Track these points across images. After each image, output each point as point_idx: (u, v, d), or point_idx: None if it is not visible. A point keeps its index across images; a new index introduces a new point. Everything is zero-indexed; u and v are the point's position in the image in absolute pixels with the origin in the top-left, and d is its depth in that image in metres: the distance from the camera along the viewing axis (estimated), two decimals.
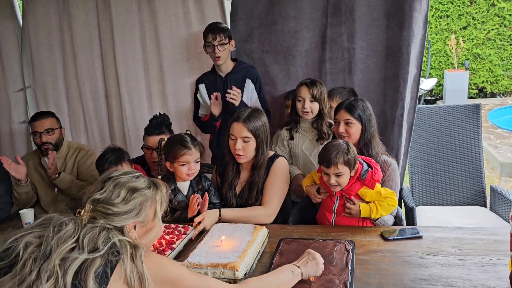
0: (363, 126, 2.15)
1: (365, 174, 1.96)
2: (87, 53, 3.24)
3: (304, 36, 2.81)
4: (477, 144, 2.97)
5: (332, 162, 1.91)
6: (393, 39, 2.62)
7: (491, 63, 8.42)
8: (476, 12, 8.24)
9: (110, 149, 2.23)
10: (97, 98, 3.32)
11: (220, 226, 1.92)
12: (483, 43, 8.37)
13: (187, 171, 2.11)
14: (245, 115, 2.10)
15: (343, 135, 2.17)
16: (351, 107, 2.16)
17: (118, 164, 2.14)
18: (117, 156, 2.16)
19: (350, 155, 1.92)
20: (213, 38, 2.63)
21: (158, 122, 2.48)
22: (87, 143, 3.41)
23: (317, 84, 2.41)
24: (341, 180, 1.95)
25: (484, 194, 2.93)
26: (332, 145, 1.95)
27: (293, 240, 1.83)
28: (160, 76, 3.16)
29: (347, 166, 1.92)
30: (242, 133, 2.08)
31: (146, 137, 2.42)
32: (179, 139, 2.13)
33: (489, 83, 8.60)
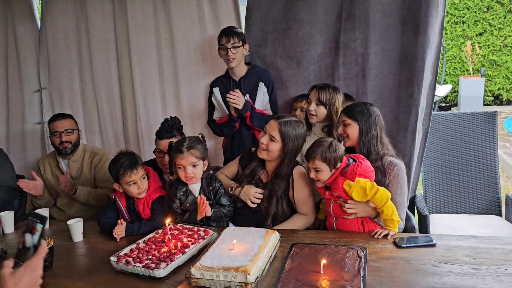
0: (360, 127, 2.15)
1: (346, 167, 1.98)
2: (103, 56, 3.29)
3: (317, 41, 2.82)
4: (492, 152, 2.93)
5: (310, 156, 2.00)
6: (408, 45, 2.60)
7: (508, 70, 8.33)
8: (493, 18, 8.17)
9: (123, 153, 2.23)
10: (112, 100, 3.36)
11: (232, 230, 1.92)
12: (499, 49, 8.28)
13: (184, 174, 2.12)
14: (285, 119, 2.16)
15: (343, 136, 2.21)
16: (348, 109, 2.21)
17: (133, 169, 2.14)
18: (131, 161, 2.17)
19: (330, 153, 1.96)
20: (227, 40, 2.65)
21: (169, 125, 2.49)
22: (101, 145, 3.46)
23: (328, 89, 2.40)
24: (320, 175, 2.00)
25: (499, 203, 2.89)
26: (317, 141, 2.03)
27: (305, 245, 1.82)
28: (175, 79, 3.19)
29: (325, 163, 1.97)
30: (272, 131, 2.14)
31: (158, 141, 2.44)
32: (177, 142, 2.15)
33: (505, 90, 8.50)
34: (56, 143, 2.75)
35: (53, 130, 2.75)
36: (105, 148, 3.37)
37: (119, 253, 1.82)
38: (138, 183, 2.16)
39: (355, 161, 2.00)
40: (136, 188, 2.16)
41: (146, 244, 1.91)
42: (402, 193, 2.11)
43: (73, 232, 2.15)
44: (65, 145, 2.74)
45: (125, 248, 1.87)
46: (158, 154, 2.43)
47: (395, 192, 2.09)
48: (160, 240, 1.93)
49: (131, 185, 2.15)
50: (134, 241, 1.95)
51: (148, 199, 2.22)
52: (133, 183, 2.15)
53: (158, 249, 1.85)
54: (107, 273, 1.77)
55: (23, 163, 3.57)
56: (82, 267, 1.89)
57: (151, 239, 1.96)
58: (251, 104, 2.72)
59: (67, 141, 2.74)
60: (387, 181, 2.10)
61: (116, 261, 1.76)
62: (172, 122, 2.50)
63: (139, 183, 2.16)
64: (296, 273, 1.59)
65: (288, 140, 2.13)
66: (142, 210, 2.22)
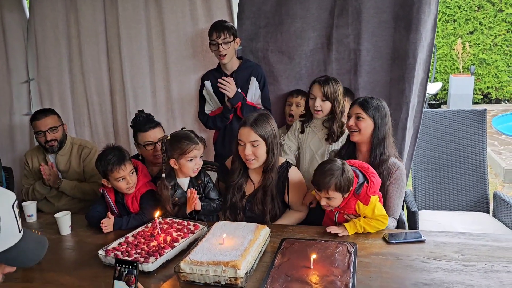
0: (376, 124, 2.10)
1: (359, 189, 1.91)
2: (93, 47, 3.23)
3: (309, 36, 2.80)
4: (481, 149, 2.96)
5: (322, 187, 1.87)
6: (400, 42, 2.60)
7: (497, 69, 8.40)
8: (484, 17, 8.22)
9: (110, 148, 2.18)
10: (102, 92, 3.31)
11: (222, 224, 1.92)
12: (489, 48, 8.34)
13: (194, 166, 2.11)
14: (252, 119, 2.07)
15: (353, 129, 2.13)
16: (365, 103, 2.11)
17: (122, 164, 2.09)
18: (119, 157, 2.11)
19: (343, 179, 1.86)
20: (218, 36, 2.63)
21: (145, 118, 2.46)
22: (91, 138, 3.41)
23: (331, 82, 2.38)
24: (332, 203, 1.91)
25: (487, 200, 2.91)
26: (326, 170, 1.88)
27: (295, 240, 1.83)
28: (165, 73, 3.15)
29: (339, 192, 1.88)
30: (250, 137, 2.05)
31: (143, 134, 2.39)
32: (184, 134, 2.12)
33: (494, 89, 8.57)
34: (42, 142, 2.70)
35: (36, 130, 2.68)
36: (94, 141, 3.33)
37: (108, 246, 1.81)
38: (127, 179, 2.13)
39: (366, 178, 1.94)
40: (125, 183, 2.13)
41: (135, 238, 1.89)
42: (401, 195, 2.11)
43: (61, 225, 2.12)
44: (51, 144, 2.68)
45: (114, 242, 1.86)
46: (148, 147, 2.40)
47: (394, 194, 2.09)
48: (149, 234, 1.92)
49: (120, 180, 2.12)
50: (123, 234, 1.94)
51: (137, 194, 2.20)
52: (122, 179, 2.12)
53: (147, 243, 1.83)
54: (95, 267, 1.76)
55: (11, 155, 3.50)
56: (70, 261, 1.87)
57: (140, 233, 1.94)
58: (242, 95, 2.70)
59: (52, 139, 2.68)
60: (388, 182, 2.09)
61: (104, 255, 1.75)
62: (145, 115, 2.48)
63: (128, 179, 2.13)
64: (286, 268, 1.59)
65: (267, 135, 2.07)
66: (131, 204, 2.20)
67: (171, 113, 3.20)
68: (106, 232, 2.08)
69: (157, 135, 2.39)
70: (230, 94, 2.63)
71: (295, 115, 2.81)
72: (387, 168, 2.09)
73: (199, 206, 2.08)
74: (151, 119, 2.48)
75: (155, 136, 2.38)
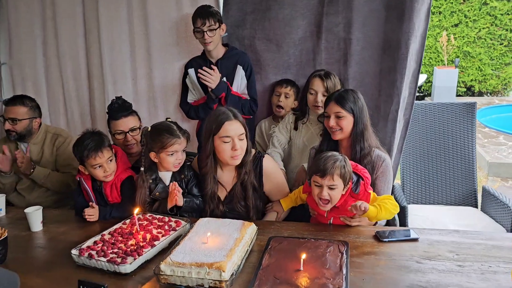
0: (355, 118, 2.01)
1: (357, 188, 1.82)
2: (70, 30, 3.05)
3: (298, 24, 2.68)
4: (470, 143, 2.92)
5: (328, 172, 1.75)
6: (391, 32, 2.50)
7: (481, 62, 8.44)
8: (469, 10, 8.23)
9: (88, 133, 2.06)
10: (79, 78, 3.15)
11: (206, 221, 1.80)
12: (473, 41, 8.38)
13: (175, 161, 1.98)
14: (233, 112, 1.95)
15: (334, 129, 2.04)
16: (341, 99, 2.01)
17: (99, 151, 1.98)
18: (97, 142, 1.99)
19: (347, 168, 1.78)
20: (202, 23, 2.50)
21: (119, 105, 2.33)
22: (67, 126, 3.25)
23: (331, 76, 2.32)
24: (334, 194, 1.79)
25: (475, 195, 2.88)
26: (329, 156, 1.80)
27: (283, 238, 1.73)
28: (147, 59, 3.00)
29: (342, 180, 1.78)
30: (238, 131, 1.92)
31: (114, 122, 2.30)
32: (165, 127, 1.99)
33: (478, 82, 8.63)
34: (4, 127, 2.55)
35: (2, 113, 2.56)
36: (70, 130, 3.17)
37: (82, 245, 1.68)
38: (104, 166, 2.01)
39: (358, 175, 1.85)
40: (102, 171, 2.02)
41: (112, 236, 1.77)
42: (388, 188, 2.05)
43: (31, 221, 1.98)
44: (10, 133, 2.54)
45: (89, 240, 1.73)
46: (118, 136, 2.30)
47: (382, 188, 2.03)
48: (128, 231, 1.80)
49: (97, 168, 2.01)
50: (98, 232, 1.81)
51: (116, 181, 2.09)
52: (99, 166, 2.01)
53: (125, 241, 1.71)
54: (67, 267, 1.63)
55: None
56: (40, 261, 1.73)
57: (117, 230, 1.82)
58: (227, 85, 2.59)
59: (10, 130, 2.52)
60: (374, 176, 2.02)
61: (78, 255, 1.62)
62: (121, 101, 2.35)
63: (105, 166, 2.02)
64: (274, 269, 1.49)
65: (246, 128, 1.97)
66: (109, 193, 2.09)
67: (153, 102, 3.06)
68: (91, 221, 2.00)
69: (129, 124, 2.29)
70: (212, 84, 2.50)
71: (285, 107, 2.71)
72: (371, 162, 2.02)
73: (181, 201, 1.96)
74: (127, 106, 2.36)
75: (126, 125, 2.28)
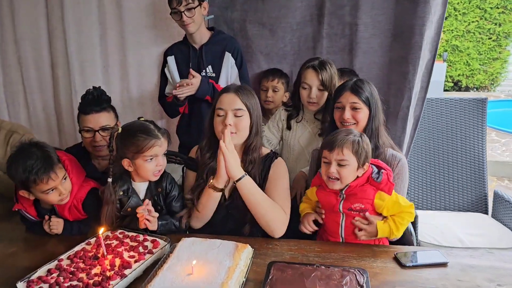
0: (371, 112, 1.77)
1: (379, 176, 1.56)
2: (29, 10, 2.67)
3: (296, 5, 2.38)
4: (480, 143, 2.68)
5: (336, 144, 1.53)
6: (404, 16, 2.20)
7: (469, 56, 8.29)
8: (458, 3, 8.04)
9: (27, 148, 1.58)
10: (42, 66, 2.77)
11: (191, 242, 1.46)
12: (462, 35, 8.21)
13: (155, 168, 1.62)
14: (236, 86, 1.71)
15: (349, 123, 1.77)
16: (357, 88, 1.76)
17: (50, 172, 1.54)
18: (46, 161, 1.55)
19: (362, 144, 1.55)
20: (178, 2, 2.18)
21: (94, 97, 1.95)
22: (28, 121, 2.88)
23: (327, 66, 1.97)
24: (344, 171, 1.54)
25: (486, 200, 2.64)
26: (343, 130, 1.61)
27: (286, 265, 1.39)
28: (121, 44, 2.64)
29: (354, 156, 1.53)
30: (234, 104, 1.65)
31: (84, 117, 1.92)
32: (140, 126, 1.62)
33: (465, 77, 8.49)
34: None
35: None
36: (32, 125, 2.80)
37: (31, 276, 1.32)
38: (60, 189, 1.59)
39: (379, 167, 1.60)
40: (57, 195, 1.60)
41: (71, 262, 1.41)
42: (404, 191, 1.79)
43: None
44: None
45: (41, 268, 1.37)
46: (86, 134, 1.91)
47: (397, 191, 1.74)
48: (92, 255, 1.44)
49: (50, 192, 1.58)
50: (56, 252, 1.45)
51: (75, 202, 1.67)
52: (52, 190, 1.58)
53: (87, 269, 1.36)
54: None
55: None
56: None
57: (78, 253, 1.46)
58: (212, 85, 2.26)
59: None
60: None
61: None
62: (98, 93, 1.96)
63: (60, 189, 1.59)
64: None
65: (253, 108, 1.69)
66: (68, 215, 1.69)
67: (127, 93, 2.71)
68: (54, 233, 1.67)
69: (100, 121, 1.90)
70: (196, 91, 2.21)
71: (275, 101, 2.39)
72: (385, 162, 1.74)
73: (155, 226, 1.60)
74: (104, 100, 1.97)
75: (97, 122, 1.90)
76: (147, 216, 1.57)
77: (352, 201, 1.58)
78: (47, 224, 1.66)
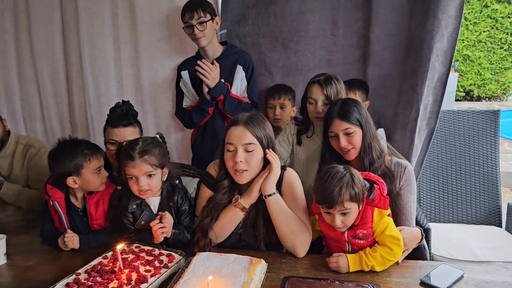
0: (363, 130, 1.77)
1: (371, 193, 1.54)
2: (46, 25, 2.75)
3: (309, 19, 2.41)
4: (493, 155, 2.66)
5: (336, 201, 1.47)
6: (415, 29, 2.23)
7: (480, 66, 8.26)
8: (469, 13, 8.04)
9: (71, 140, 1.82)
10: (57, 80, 2.84)
11: (206, 257, 1.47)
12: (473, 45, 8.19)
13: (137, 187, 1.64)
14: (245, 117, 1.65)
15: (346, 149, 1.77)
16: (344, 113, 1.76)
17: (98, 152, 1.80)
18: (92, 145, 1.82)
19: (356, 187, 1.49)
20: (190, 17, 2.24)
21: (122, 111, 2.01)
22: (44, 134, 2.95)
23: (333, 81, 1.97)
24: (348, 219, 1.52)
25: (499, 212, 2.62)
26: (332, 178, 1.49)
27: (301, 280, 1.40)
28: (135, 58, 2.70)
29: (355, 202, 1.49)
30: (244, 139, 1.60)
31: (110, 129, 1.97)
32: (128, 145, 1.67)
33: (476, 86, 8.45)
34: None
35: None
36: (48, 138, 2.86)
37: None
38: (102, 171, 1.81)
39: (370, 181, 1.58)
40: (101, 176, 1.80)
41: (89, 276, 1.43)
42: (414, 198, 1.78)
43: None
44: None
45: (60, 282, 1.39)
46: (111, 146, 1.96)
47: (408, 199, 1.76)
48: (109, 269, 1.46)
49: (97, 173, 1.78)
50: (73, 266, 1.47)
51: (104, 196, 1.82)
52: (99, 170, 1.79)
53: (104, 284, 1.38)
54: None
55: None
56: None
57: (96, 267, 1.48)
58: (227, 87, 2.30)
59: None
60: (399, 186, 1.76)
61: None
62: (127, 108, 2.02)
63: (102, 171, 1.81)
64: None
65: (266, 139, 1.64)
66: (94, 211, 1.78)
67: (141, 107, 2.75)
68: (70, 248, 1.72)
69: (125, 136, 1.94)
70: (210, 82, 2.23)
71: (283, 118, 2.45)
72: (389, 172, 1.77)
73: (169, 232, 1.62)
74: (131, 115, 2.03)
75: (123, 136, 1.94)
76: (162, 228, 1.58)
77: (355, 228, 1.56)
78: (61, 239, 1.72)
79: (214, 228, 1.65)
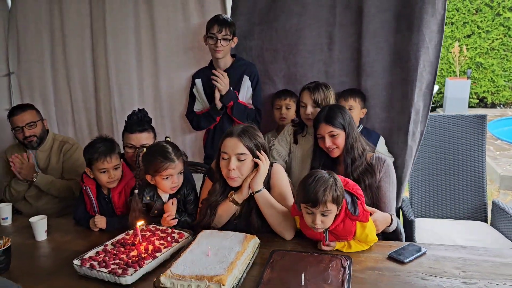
0: (346, 132, 2.04)
1: (356, 209, 1.70)
2: (78, 41, 3.08)
3: (306, 35, 2.68)
4: (480, 156, 2.84)
5: (320, 200, 1.62)
6: (401, 43, 2.49)
7: (493, 73, 8.34)
8: (481, 21, 8.16)
9: (101, 138, 2.13)
10: (86, 89, 3.17)
11: (209, 233, 1.79)
12: (486, 52, 8.29)
13: (171, 184, 1.96)
14: (239, 130, 1.85)
15: (331, 148, 2.05)
16: (329, 118, 2.03)
17: (107, 156, 2.03)
18: (108, 148, 2.06)
19: (338, 190, 1.65)
20: (218, 30, 2.51)
21: (138, 118, 2.30)
22: (75, 136, 3.27)
23: (321, 88, 2.26)
24: (327, 219, 1.68)
25: (485, 209, 2.81)
26: (317, 180, 1.65)
27: (285, 252, 1.70)
28: (154, 69, 3.01)
29: (335, 204, 1.65)
30: (237, 149, 1.81)
31: (128, 135, 2.25)
32: (160, 150, 1.94)
33: (490, 93, 8.52)
34: (20, 138, 2.59)
35: (14, 125, 2.57)
36: (78, 139, 3.17)
37: (84, 255, 1.67)
38: (110, 172, 2.06)
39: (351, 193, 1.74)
40: (106, 176, 2.06)
41: (114, 247, 1.76)
42: (393, 188, 2.04)
43: (36, 231, 1.98)
44: (30, 139, 2.57)
45: (91, 251, 1.72)
46: (128, 150, 2.26)
47: (387, 189, 2.02)
48: (130, 242, 1.79)
49: (102, 172, 2.05)
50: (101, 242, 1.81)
51: (126, 188, 2.12)
52: (104, 171, 2.05)
53: (127, 252, 1.70)
54: (69, 277, 1.62)
55: None
56: (43, 269, 1.72)
57: (120, 240, 1.81)
58: (235, 94, 2.59)
59: (31, 135, 2.57)
60: (378, 178, 2.02)
61: (79, 265, 1.61)
62: (142, 115, 2.32)
63: (110, 172, 2.06)
64: (276, 285, 1.46)
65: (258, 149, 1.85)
66: (117, 199, 2.11)
67: (159, 112, 3.06)
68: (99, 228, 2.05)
69: (142, 140, 2.23)
70: (222, 89, 2.53)
71: (288, 118, 2.71)
72: (370, 166, 2.04)
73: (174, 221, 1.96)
74: (146, 121, 2.31)
75: (139, 140, 2.22)
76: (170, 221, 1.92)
77: (336, 236, 1.75)
78: (92, 221, 2.04)
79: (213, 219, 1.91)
